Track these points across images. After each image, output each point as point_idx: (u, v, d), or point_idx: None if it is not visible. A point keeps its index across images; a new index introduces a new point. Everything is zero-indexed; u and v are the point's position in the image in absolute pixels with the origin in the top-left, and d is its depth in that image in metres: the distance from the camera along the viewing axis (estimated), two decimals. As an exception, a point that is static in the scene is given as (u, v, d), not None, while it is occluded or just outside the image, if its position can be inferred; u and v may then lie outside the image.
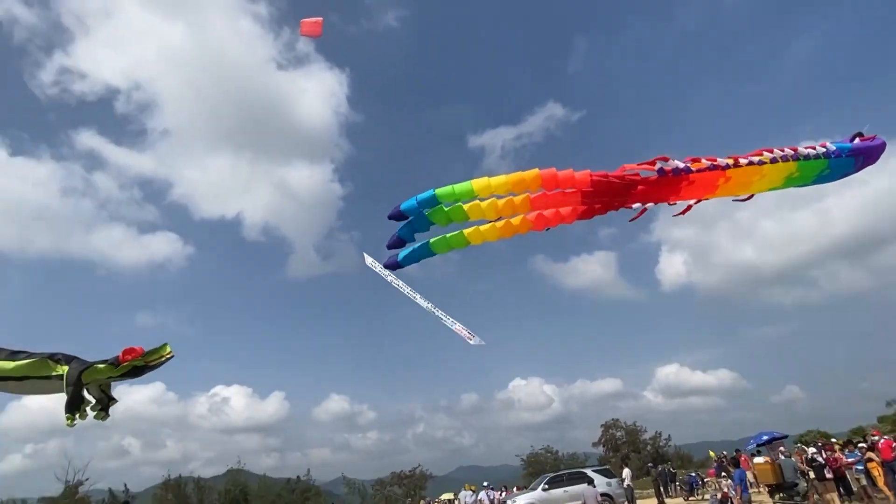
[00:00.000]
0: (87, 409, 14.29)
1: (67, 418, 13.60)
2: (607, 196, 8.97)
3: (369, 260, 28.72)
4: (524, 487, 25.61)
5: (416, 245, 11.84)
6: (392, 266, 13.03)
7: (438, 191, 11.07)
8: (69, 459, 34.31)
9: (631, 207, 9.10)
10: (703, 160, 8.03)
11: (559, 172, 8.51)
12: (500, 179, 9.48)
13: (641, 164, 8.15)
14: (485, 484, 23.72)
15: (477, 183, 9.85)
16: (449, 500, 27.12)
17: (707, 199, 9.23)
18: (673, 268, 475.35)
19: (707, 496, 21.08)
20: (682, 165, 7.93)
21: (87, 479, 33.35)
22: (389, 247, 13.05)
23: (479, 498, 20.03)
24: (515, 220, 10.01)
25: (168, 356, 14.70)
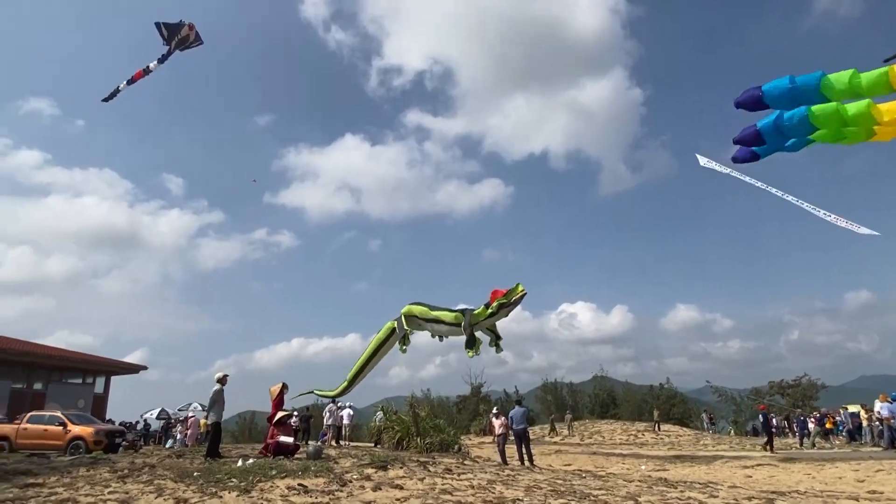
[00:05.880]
0: (480, 345, 17.80)
1: (468, 352, 17.54)
2: None
3: (703, 160, 25.74)
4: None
5: (788, 120, 9.56)
6: (743, 159, 10.95)
7: (833, 77, 8.54)
8: (469, 367, 43.73)
9: None
10: None
11: None
12: None
13: None
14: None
15: None
16: (854, 413, 22.92)
17: None
18: None
19: None
20: None
21: (484, 382, 42.02)
22: (738, 141, 10.94)
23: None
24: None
25: (523, 293, 16.89)
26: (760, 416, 21.11)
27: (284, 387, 11.26)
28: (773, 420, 24.95)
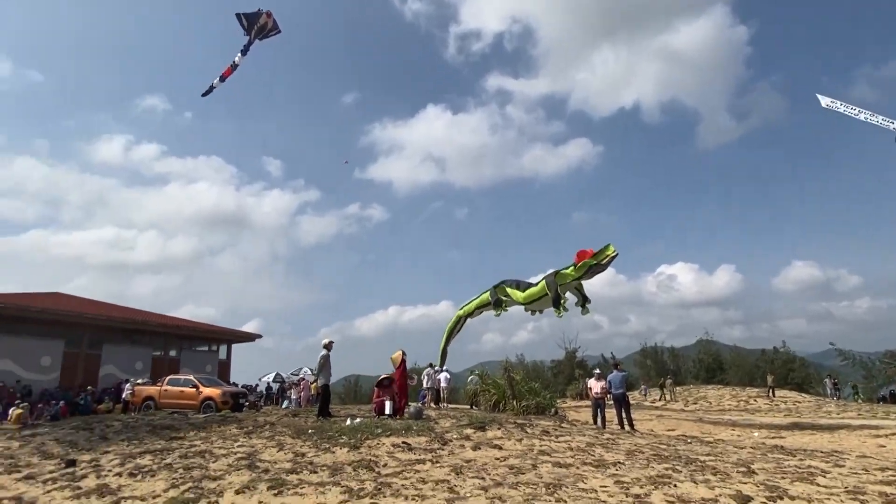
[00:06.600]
0: (566, 302, 17.89)
1: (556, 311, 17.60)
2: None
3: (825, 101, 23.22)
4: None
5: None
6: None
7: None
8: (563, 332, 43.27)
9: None
10: None
11: None
12: None
13: None
14: None
15: None
16: None
17: None
18: None
19: None
20: None
21: (578, 347, 41.41)
22: None
23: None
24: None
25: (613, 255, 16.48)
26: None
27: (404, 353, 12.16)
28: None
